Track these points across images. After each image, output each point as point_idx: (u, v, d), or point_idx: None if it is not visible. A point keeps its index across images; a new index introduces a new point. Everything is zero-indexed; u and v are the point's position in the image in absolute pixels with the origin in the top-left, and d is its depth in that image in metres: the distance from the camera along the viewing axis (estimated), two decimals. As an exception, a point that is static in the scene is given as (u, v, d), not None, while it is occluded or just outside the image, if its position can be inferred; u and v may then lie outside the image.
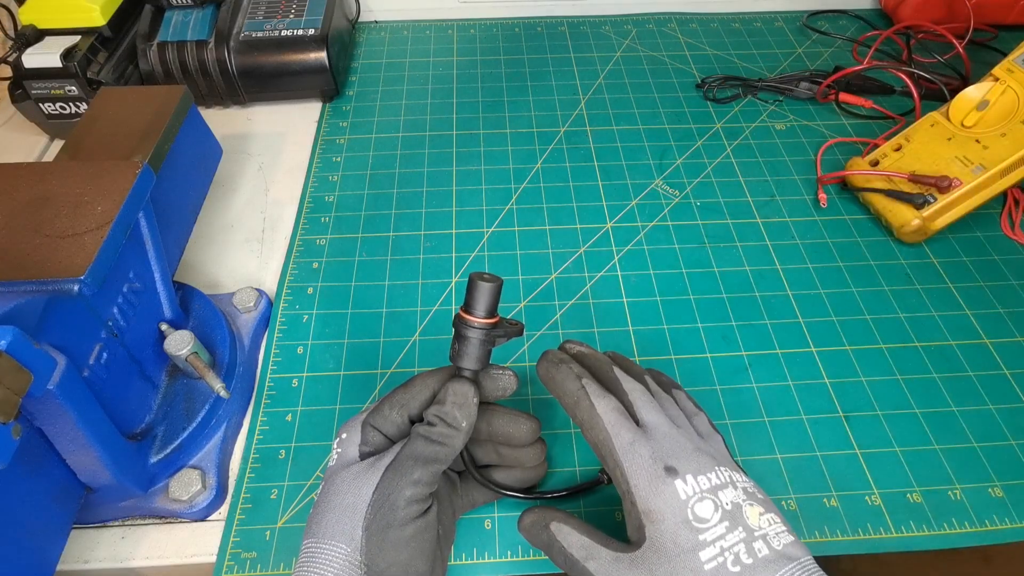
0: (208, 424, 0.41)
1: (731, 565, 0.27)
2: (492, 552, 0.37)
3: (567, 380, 0.33)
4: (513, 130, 0.63)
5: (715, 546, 0.27)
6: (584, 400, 0.32)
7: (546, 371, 0.34)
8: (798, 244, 0.52)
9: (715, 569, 0.27)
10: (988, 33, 0.70)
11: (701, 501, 0.28)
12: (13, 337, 0.28)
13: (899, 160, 0.53)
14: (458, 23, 0.76)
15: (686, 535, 0.28)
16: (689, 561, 0.27)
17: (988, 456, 0.41)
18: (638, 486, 0.29)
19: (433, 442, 0.31)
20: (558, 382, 0.33)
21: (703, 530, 0.28)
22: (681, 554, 0.27)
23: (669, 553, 0.28)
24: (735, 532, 0.28)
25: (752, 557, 0.27)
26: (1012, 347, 0.46)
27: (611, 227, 0.54)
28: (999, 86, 0.51)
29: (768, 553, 0.27)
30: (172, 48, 0.61)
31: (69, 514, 0.35)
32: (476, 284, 0.32)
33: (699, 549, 0.27)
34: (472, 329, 0.32)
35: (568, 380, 0.33)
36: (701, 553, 0.27)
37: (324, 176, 0.58)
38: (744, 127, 0.63)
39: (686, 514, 0.28)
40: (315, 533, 0.30)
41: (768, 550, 0.27)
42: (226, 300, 0.47)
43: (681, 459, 0.30)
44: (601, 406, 0.31)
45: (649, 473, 0.29)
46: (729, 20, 0.76)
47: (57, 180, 0.37)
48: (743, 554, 0.27)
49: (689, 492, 0.29)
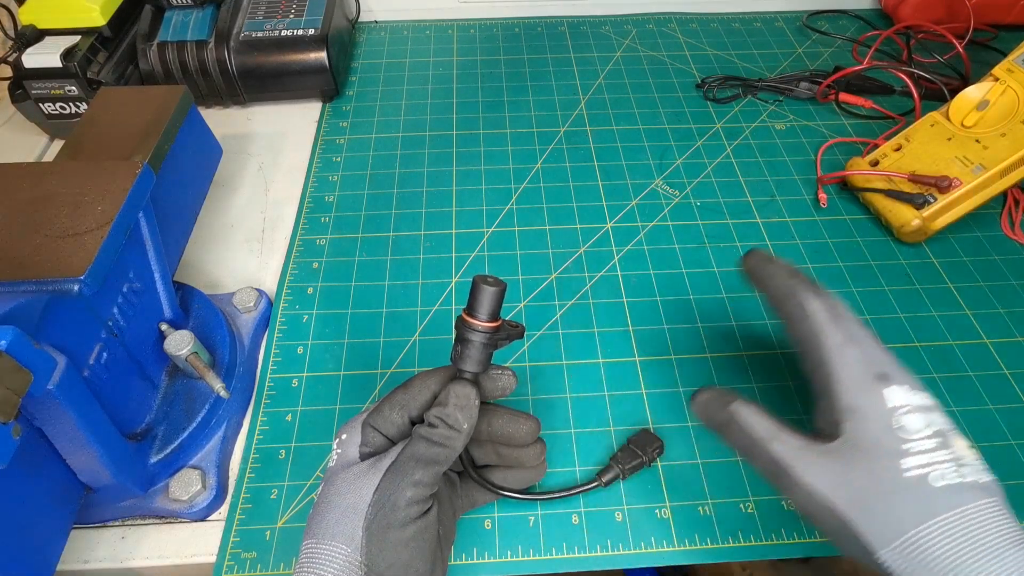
0: (208, 424, 0.41)
1: (934, 480, 0.26)
2: (492, 552, 0.37)
3: (779, 273, 0.32)
4: (513, 130, 0.63)
5: (920, 457, 0.27)
6: (797, 294, 0.31)
7: (756, 263, 0.33)
8: (798, 244, 0.52)
9: (917, 479, 0.26)
10: (988, 33, 0.70)
11: (911, 414, 0.28)
12: (13, 337, 0.28)
13: (899, 160, 0.53)
14: (458, 23, 0.76)
15: (890, 439, 0.27)
16: (890, 463, 0.27)
17: (988, 456, 0.40)
18: (844, 383, 0.29)
19: (434, 444, 0.31)
20: (769, 274, 0.32)
21: (909, 440, 0.27)
22: (882, 456, 0.27)
23: (868, 452, 0.27)
24: (943, 451, 0.27)
25: (960, 479, 0.26)
26: (1012, 347, 0.46)
27: (611, 227, 0.54)
28: (999, 86, 0.51)
29: (974, 480, 0.27)
30: (172, 48, 0.61)
31: (69, 514, 0.35)
32: (480, 288, 0.32)
33: (902, 457, 0.27)
34: (475, 332, 0.32)
35: (780, 273, 0.32)
36: (903, 461, 0.27)
37: (324, 176, 0.58)
38: (744, 127, 0.63)
39: (892, 421, 0.28)
40: (315, 533, 0.30)
41: (974, 477, 0.27)
42: (226, 300, 0.47)
43: (894, 369, 0.29)
44: (813, 304, 0.31)
45: (858, 374, 0.29)
46: (729, 20, 0.76)
47: (57, 180, 0.37)
48: (950, 473, 0.26)
49: (899, 402, 0.28)
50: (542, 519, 0.38)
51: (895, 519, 0.26)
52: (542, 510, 0.39)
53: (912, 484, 0.26)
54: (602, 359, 0.46)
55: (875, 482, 0.27)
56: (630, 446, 0.40)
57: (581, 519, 0.38)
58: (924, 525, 0.26)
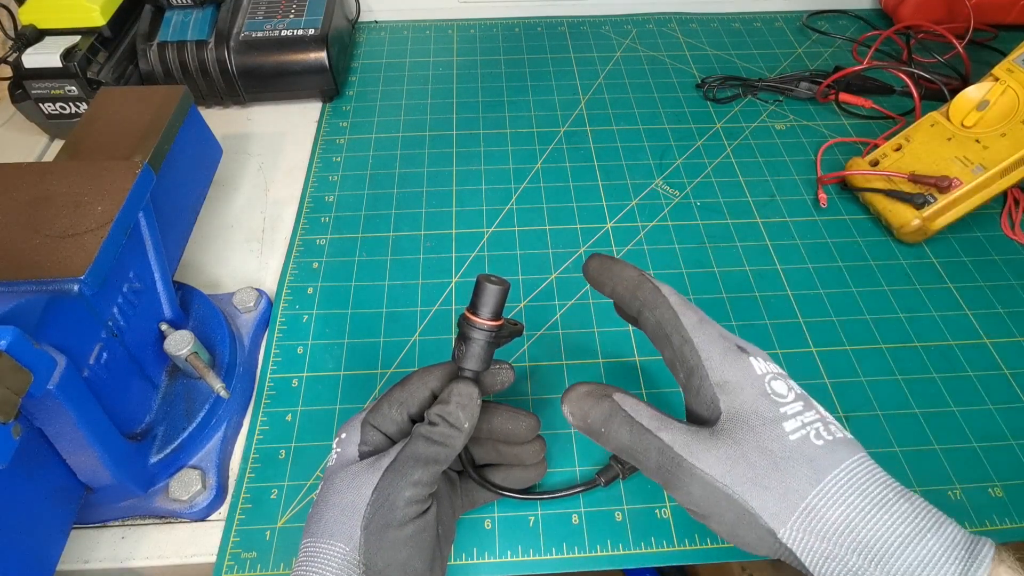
0: (208, 424, 0.41)
1: (814, 438, 0.26)
2: (492, 552, 0.37)
3: (625, 268, 0.32)
4: (513, 130, 0.63)
5: (796, 419, 0.26)
6: (646, 282, 0.31)
7: (599, 264, 0.32)
8: (798, 244, 0.52)
9: (800, 440, 0.26)
10: (988, 33, 0.70)
11: (776, 379, 0.28)
12: (13, 337, 0.28)
13: (899, 160, 0.53)
14: (458, 23, 0.76)
15: (767, 406, 0.27)
16: (773, 430, 0.26)
17: (988, 456, 0.41)
18: (711, 358, 0.28)
19: (434, 442, 0.31)
20: (615, 271, 0.32)
21: (782, 404, 0.27)
22: (764, 424, 0.26)
23: (751, 423, 0.26)
24: (811, 412, 0.27)
25: (831, 436, 0.26)
26: (1012, 347, 0.46)
27: (611, 227, 0.54)
28: (999, 86, 0.51)
29: (841, 437, 0.26)
30: (172, 48, 0.61)
31: (69, 514, 0.35)
32: (484, 286, 0.32)
33: (782, 420, 0.26)
34: (478, 331, 0.32)
35: (627, 268, 0.32)
36: (784, 424, 0.26)
37: (324, 176, 0.58)
38: (744, 127, 0.63)
39: (764, 387, 0.27)
40: (314, 532, 0.30)
41: (841, 434, 0.27)
42: (226, 300, 0.47)
43: (745, 343, 0.29)
44: (664, 288, 0.30)
45: (721, 347, 0.28)
46: (729, 20, 0.76)
47: (57, 180, 0.37)
48: (823, 431, 0.26)
49: (763, 369, 0.28)
50: (542, 519, 0.38)
51: (791, 489, 0.25)
52: (542, 510, 0.39)
53: (798, 448, 0.26)
54: (602, 359, 0.46)
55: (765, 454, 0.26)
56: (630, 446, 0.40)
57: (581, 519, 0.38)
58: (817, 488, 0.25)
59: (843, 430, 0.27)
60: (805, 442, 0.26)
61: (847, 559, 0.24)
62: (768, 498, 0.25)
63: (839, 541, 0.24)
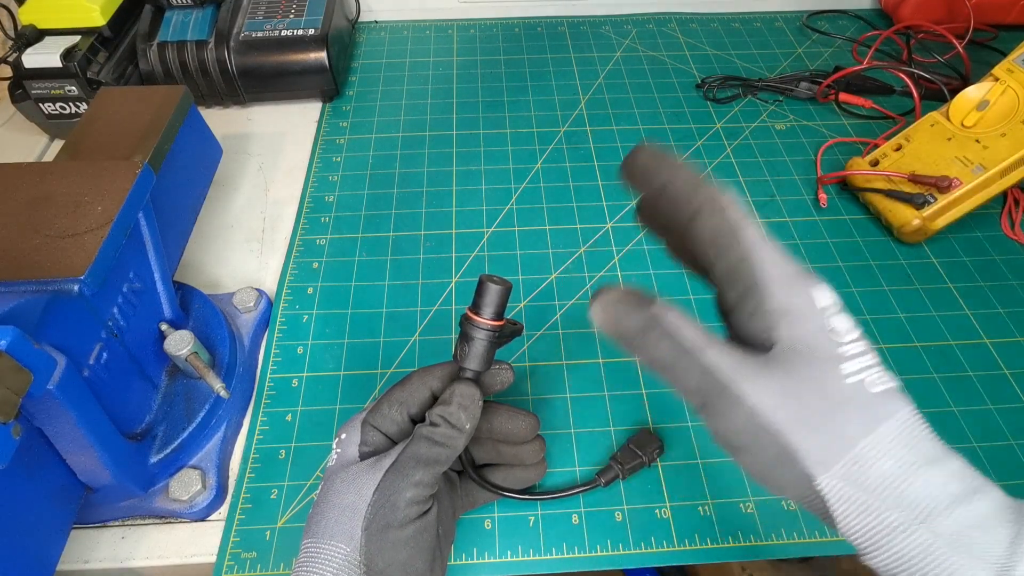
0: (208, 424, 0.41)
1: (870, 385, 0.24)
2: (492, 552, 0.37)
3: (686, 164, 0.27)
4: (513, 130, 0.63)
5: (855, 361, 0.24)
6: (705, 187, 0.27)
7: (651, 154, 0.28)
8: (798, 244, 0.52)
9: (856, 385, 0.24)
10: (988, 33, 0.70)
11: (839, 315, 0.25)
12: (13, 337, 0.28)
13: (899, 160, 0.53)
14: (458, 23, 0.76)
15: (826, 342, 0.24)
16: (832, 370, 0.24)
17: (988, 456, 0.41)
18: (773, 280, 0.25)
19: (436, 443, 0.31)
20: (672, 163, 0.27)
21: (842, 343, 0.24)
22: (823, 362, 0.24)
23: (808, 358, 0.24)
24: (869, 355, 0.24)
25: (885, 385, 0.24)
26: (1012, 347, 0.46)
27: (611, 227, 0.54)
28: (999, 86, 0.51)
29: (894, 386, 0.24)
30: (172, 48, 0.61)
31: (69, 514, 0.35)
32: (487, 286, 0.32)
33: (841, 361, 0.24)
34: (480, 331, 0.32)
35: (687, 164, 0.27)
36: (843, 366, 0.24)
37: (324, 176, 0.58)
38: (744, 127, 0.63)
39: (825, 322, 0.25)
40: (314, 533, 0.30)
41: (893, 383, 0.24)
42: (226, 300, 0.47)
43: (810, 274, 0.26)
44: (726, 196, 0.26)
45: (785, 270, 0.25)
46: (729, 20, 0.76)
47: (57, 180, 0.37)
48: (880, 377, 0.24)
49: (827, 302, 0.25)
50: (542, 519, 0.38)
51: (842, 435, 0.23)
52: (542, 510, 0.39)
53: (854, 392, 0.24)
54: (602, 359, 0.46)
55: (820, 394, 0.24)
56: (630, 446, 0.40)
57: (581, 519, 0.38)
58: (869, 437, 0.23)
59: (895, 378, 0.25)
60: (861, 388, 0.24)
61: (886, 514, 0.23)
62: (816, 442, 0.23)
63: (883, 494, 0.23)
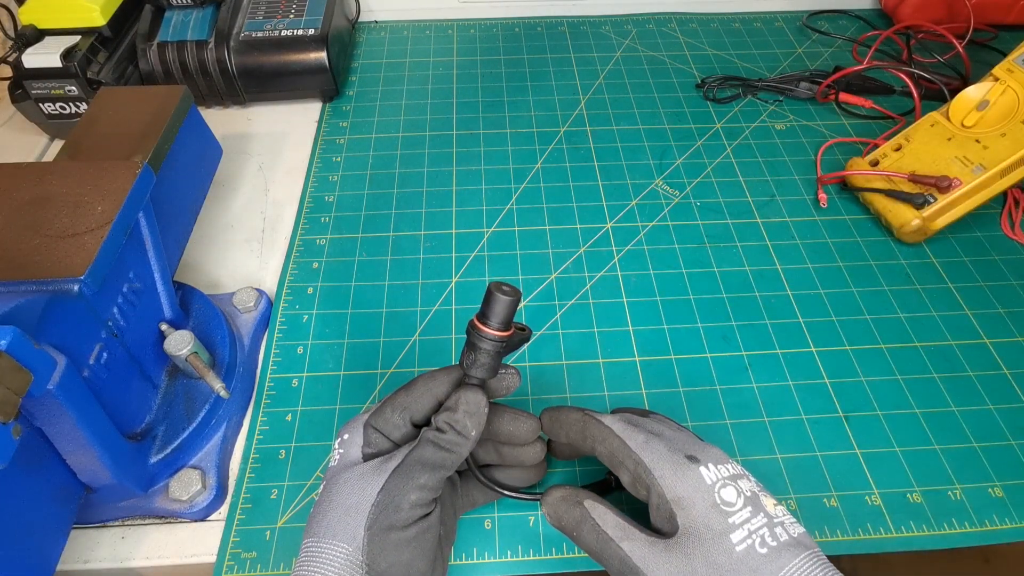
0: (208, 424, 0.41)
1: (759, 547, 0.28)
2: (492, 552, 0.37)
3: (571, 412, 0.35)
4: (513, 130, 0.63)
5: (743, 529, 0.28)
6: (591, 419, 0.33)
7: (549, 418, 0.35)
8: (798, 244, 0.52)
9: (745, 551, 0.28)
10: (988, 33, 0.70)
11: (725, 487, 0.29)
12: (13, 337, 0.28)
13: (899, 160, 0.53)
14: (458, 23, 0.76)
15: (717, 518, 0.29)
16: (722, 543, 0.28)
17: (988, 456, 0.41)
18: (663, 475, 0.30)
19: (442, 449, 0.31)
20: (562, 417, 0.35)
21: (731, 513, 0.29)
22: (714, 537, 0.28)
23: (703, 537, 0.28)
24: (758, 517, 0.29)
25: (776, 540, 0.28)
26: (1012, 347, 0.46)
27: (611, 227, 0.54)
28: (999, 86, 0.51)
29: (787, 539, 0.28)
30: (172, 48, 0.60)
31: (69, 514, 0.35)
32: (495, 296, 0.31)
33: (730, 532, 0.28)
34: (487, 341, 0.32)
35: (571, 411, 0.35)
36: (732, 535, 0.28)
37: (324, 176, 0.58)
38: (744, 127, 0.63)
39: (714, 498, 0.29)
40: (316, 532, 0.30)
41: (787, 536, 0.28)
42: (226, 300, 0.47)
43: (697, 451, 0.31)
44: (607, 419, 0.33)
45: (672, 462, 0.30)
46: (729, 20, 0.76)
47: (57, 180, 0.37)
48: (768, 537, 0.28)
49: (713, 478, 0.30)
50: (542, 519, 0.38)
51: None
52: (542, 510, 0.39)
53: (743, 559, 0.27)
54: (602, 359, 0.46)
55: (713, 568, 0.28)
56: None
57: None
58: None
59: (792, 526, 0.29)
60: (750, 552, 0.28)
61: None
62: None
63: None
